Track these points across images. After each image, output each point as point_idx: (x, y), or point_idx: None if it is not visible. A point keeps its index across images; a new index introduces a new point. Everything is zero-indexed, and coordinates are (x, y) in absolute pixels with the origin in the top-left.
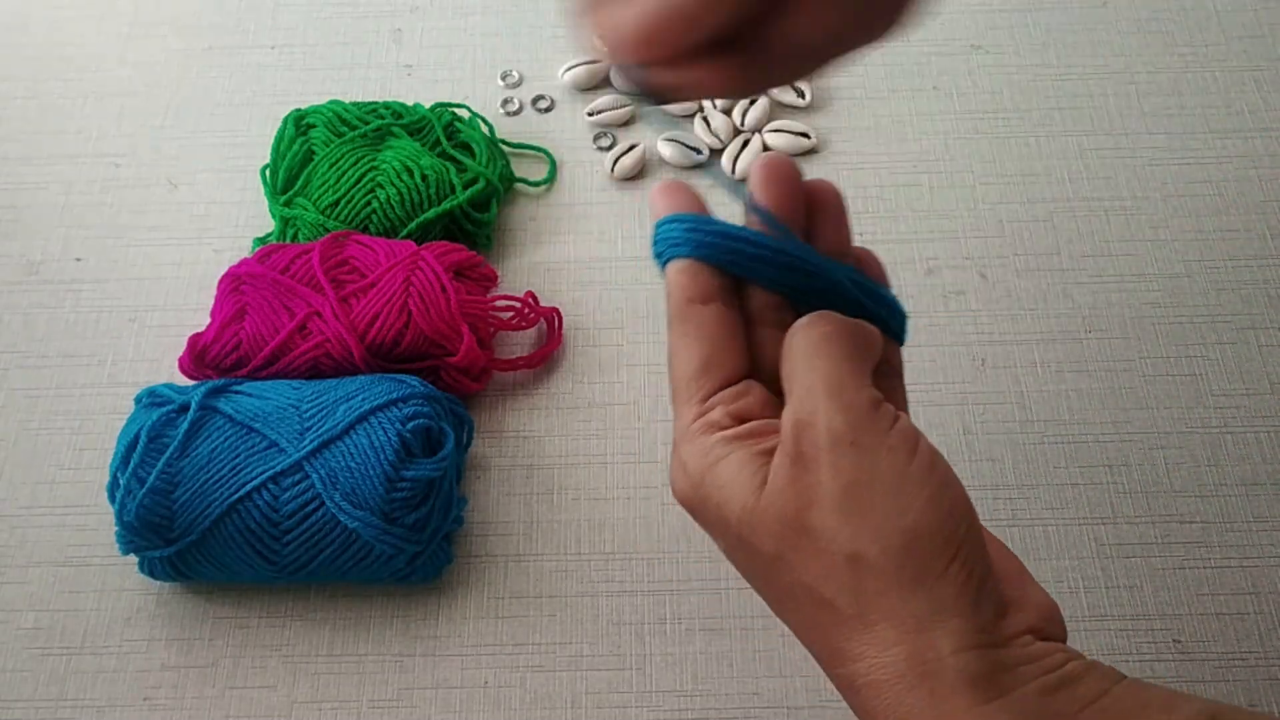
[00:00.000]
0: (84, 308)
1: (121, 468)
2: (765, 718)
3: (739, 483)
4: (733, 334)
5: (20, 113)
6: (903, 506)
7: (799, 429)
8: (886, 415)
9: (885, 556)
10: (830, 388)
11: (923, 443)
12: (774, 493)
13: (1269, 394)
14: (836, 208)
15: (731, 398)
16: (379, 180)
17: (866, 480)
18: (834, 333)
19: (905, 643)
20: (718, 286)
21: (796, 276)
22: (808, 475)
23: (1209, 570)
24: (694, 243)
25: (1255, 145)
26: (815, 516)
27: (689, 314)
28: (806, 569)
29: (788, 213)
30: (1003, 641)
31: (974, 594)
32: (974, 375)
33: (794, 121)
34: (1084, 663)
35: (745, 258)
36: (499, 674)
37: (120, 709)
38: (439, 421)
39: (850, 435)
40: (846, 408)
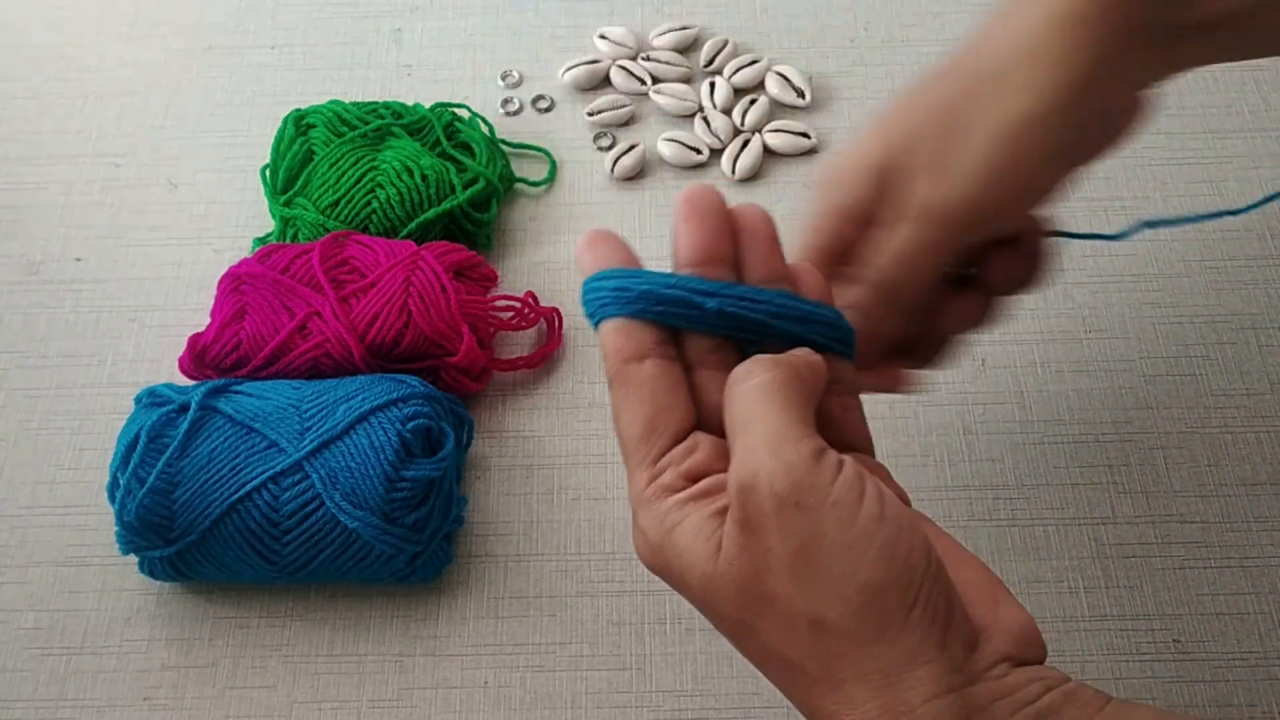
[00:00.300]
0: (84, 308)
1: (121, 468)
2: (765, 718)
3: (695, 550)
4: (674, 387)
5: (20, 113)
6: (855, 565)
7: (743, 493)
8: (829, 468)
9: (845, 617)
10: (770, 445)
11: (869, 491)
12: (728, 560)
13: (1269, 394)
14: (765, 233)
15: (681, 455)
16: (379, 180)
17: (815, 542)
18: (769, 381)
19: (876, 699)
20: (652, 341)
21: (730, 316)
22: (757, 541)
23: (1209, 570)
24: (620, 300)
25: (1255, 145)
26: (771, 583)
27: (626, 375)
28: (770, 634)
29: (713, 249)
30: (976, 677)
31: (939, 634)
32: (974, 375)
33: (794, 121)
34: (1063, 691)
35: (674, 308)
36: (499, 674)
37: (120, 709)
38: (439, 421)
39: (794, 497)
40: (787, 468)
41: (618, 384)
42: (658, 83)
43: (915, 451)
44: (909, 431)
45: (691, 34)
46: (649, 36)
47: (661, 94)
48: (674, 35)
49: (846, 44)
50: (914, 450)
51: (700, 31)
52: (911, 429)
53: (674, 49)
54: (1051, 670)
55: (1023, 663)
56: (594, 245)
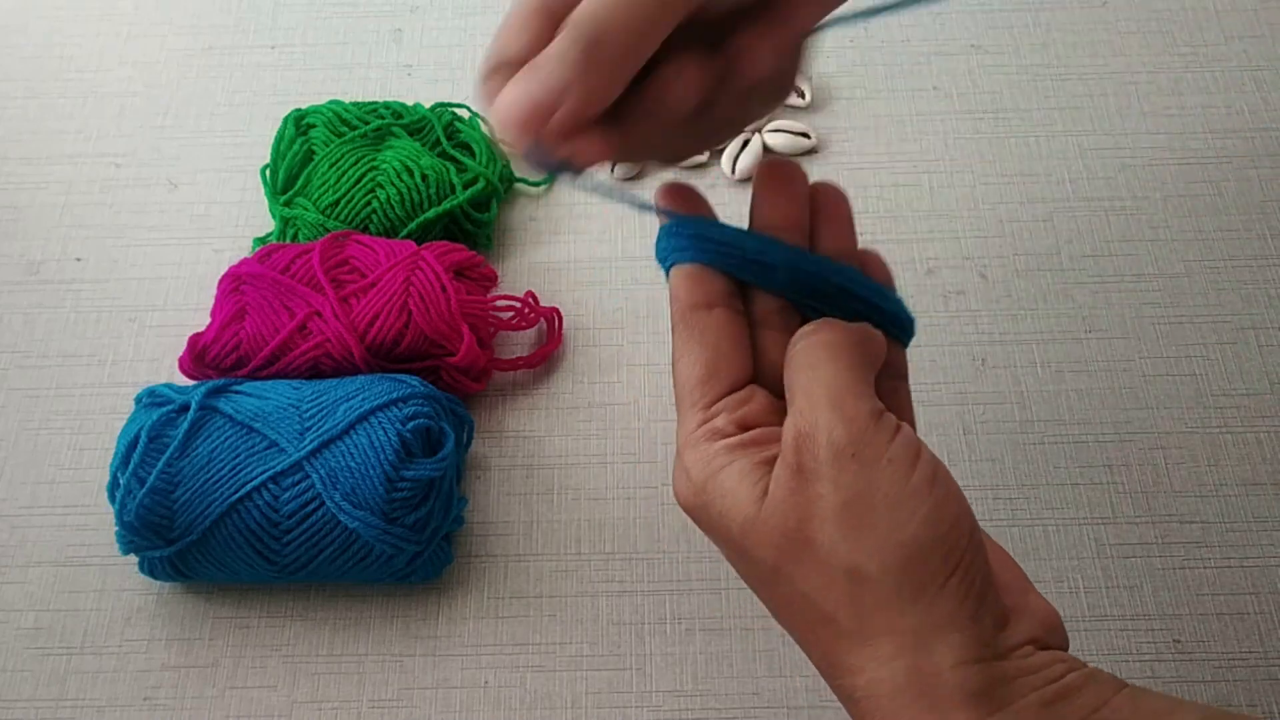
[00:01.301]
0: (84, 308)
1: (121, 468)
2: (765, 718)
3: (740, 493)
4: (737, 339)
5: (20, 113)
6: (902, 521)
7: (800, 441)
8: (888, 427)
9: (884, 571)
10: (831, 398)
11: (925, 454)
12: (774, 505)
13: (1269, 394)
14: (841, 210)
15: (736, 404)
16: (379, 180)
17: (866, 494)
18: (836, 341)
19: (904, 657)
20: (721, 291)
21: (800, 281)
22: (808, 488)
23: (1209, 570)
24: (698, 247)
25: (1255, 145)
26: (815, 530)
27: (693, 320)
28: (806, 581)
29: (792, 216)
30: (1003, 653)
31: (974, 607)
32: (974, 375)
33: (794, 121)
34: (1084, 673)
35: (749, 263)
36: (499, 674)
37: (120, 709)
38: (439, 421)
39: (851, 448)
40: (848, 420)
41: (682, 327)
42: None
43: None
44: None
45: None
46: None
47: None
48: None
49: (846, 44)
50: None
51: None
52: None
53: None
54: (1073, 657)
55: (1047, 647)
56: (672, 195)
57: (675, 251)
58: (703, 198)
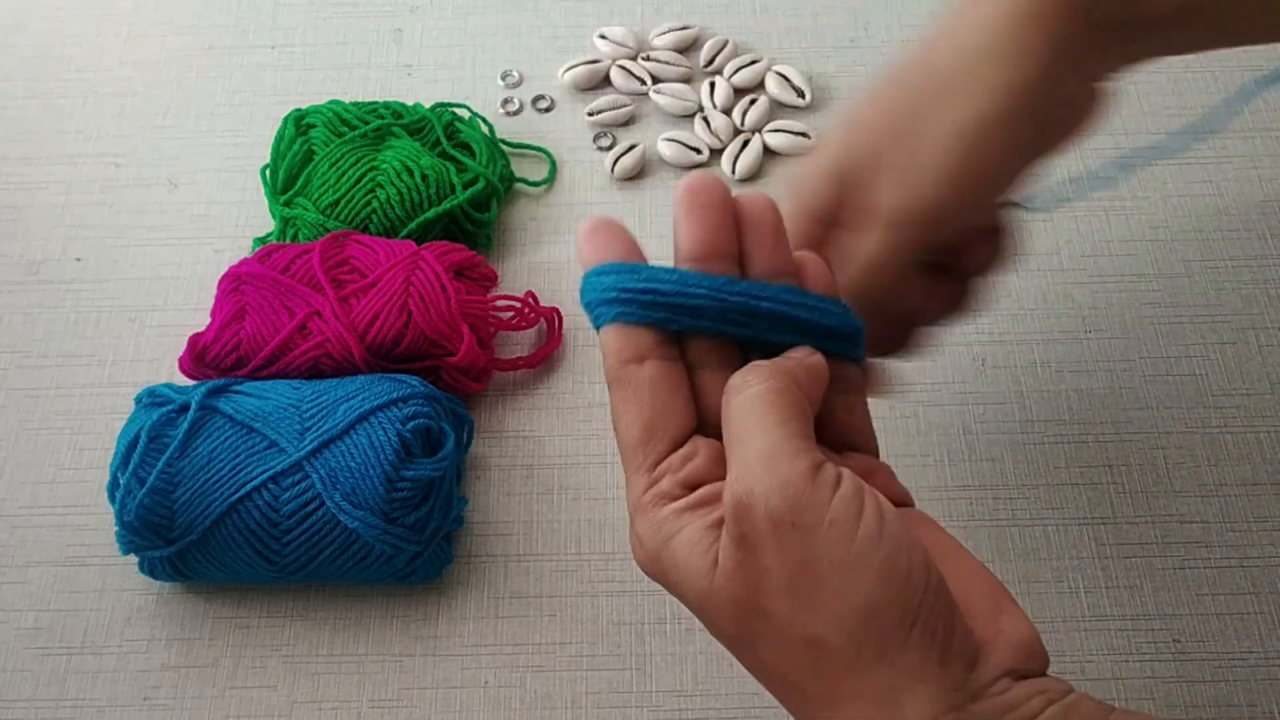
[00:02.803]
0: (84, 308)
1: (121, 468)
2: (765, 718)
3: (692, 564)
4: (674, 390)
5: (20, 113)
6: (853, 585)
7: (739, 510)
8: (826, 484)
9: (843, 637)
10: (765, 462)
11: (868, 506)
12: (724, 576)
13: (1269, 394)
14: (770, 223)
15: (680, 463)
16: (379, 180)
17: (812, 562)
18: (765, 392)
19: (875, 718)
20: (652, 342)
21: (728, 316)
22: (754, 559)
23: (1209, 570)
24: (622, 300)
25: (1255, 145)
26: (766, 602)
27: (625, 378)
28: (768, 652)
29: (715, 241)
30: (977, 694)
31: (940, 654)
32: (974, 375)
33: (794, 121)
34: (1064, 704)
35: (675, 310)
36: (499, 674)
37: (120, 709)
38: (439, 421)
39: (790, 516)
40: (783, 485)
41: (616, 386)
42: (658, 83)
43: (915, 451)
44: (909, 431)
45: (691, 34)
46: (649, 36)
47: (661, 94)
48: (674, 35)
49: (846, 44)
50: (914, 450)
51: (700, 31)
52: (911, 429)
53: (674, 49)
54: (1054, 681)
55: (1024, 675)
56: (594, 236)
57: (599, 305)
58: (625, 233)
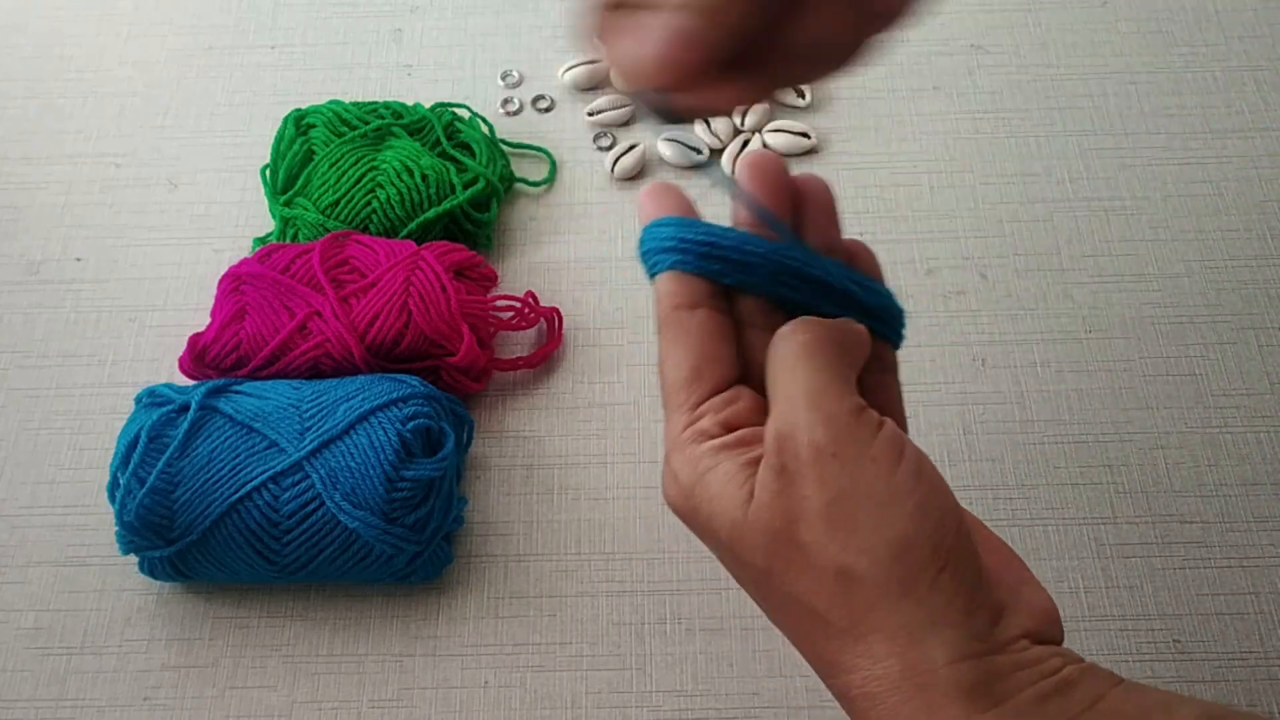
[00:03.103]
0: (84, 308)
1: (121, 468)
2: (765, 718)
3: (727, 496)
4: (722, 340)
5: (20, 113)
6: (889, 518)
7: (780, 442)
8: (869, 424)
9: (874, 569)
10: (810, 398)
11: (908, 450)
12: (760, 507)
13: (1269, 394)
14: (825, 202)
15: (721, 405)
16: (379, 180)
17: (850, 493)
18: (815, 340)
19: (898, 655)
20: (706, 292)
21: (781, 278)
22: (792, 489)
23: (1209, 570)
24: (680, 250)
25: (1255, 145)
26: (802, 531)
27: (677, 321)
28: (796, 583)
29: (775, 210)
30: (997, 648)
31: (966, 602)
32: (974, 375)
33: (794, 121)
34: (1080, 667)
35: (731, 265)
36: (499, 674)
37: (120, 709)
38: (439, 421)
39: (832, 447)
40: (827, 419)
41: (667, 328)
42: None
43: None
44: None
45: None
46: None
47: None
48: None
49: None
50: None
51: None
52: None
53: None
54: (1069, 650)
55: (1043, 641)
56: (656, 195)
57: (658, 253)
58: (685, 195)
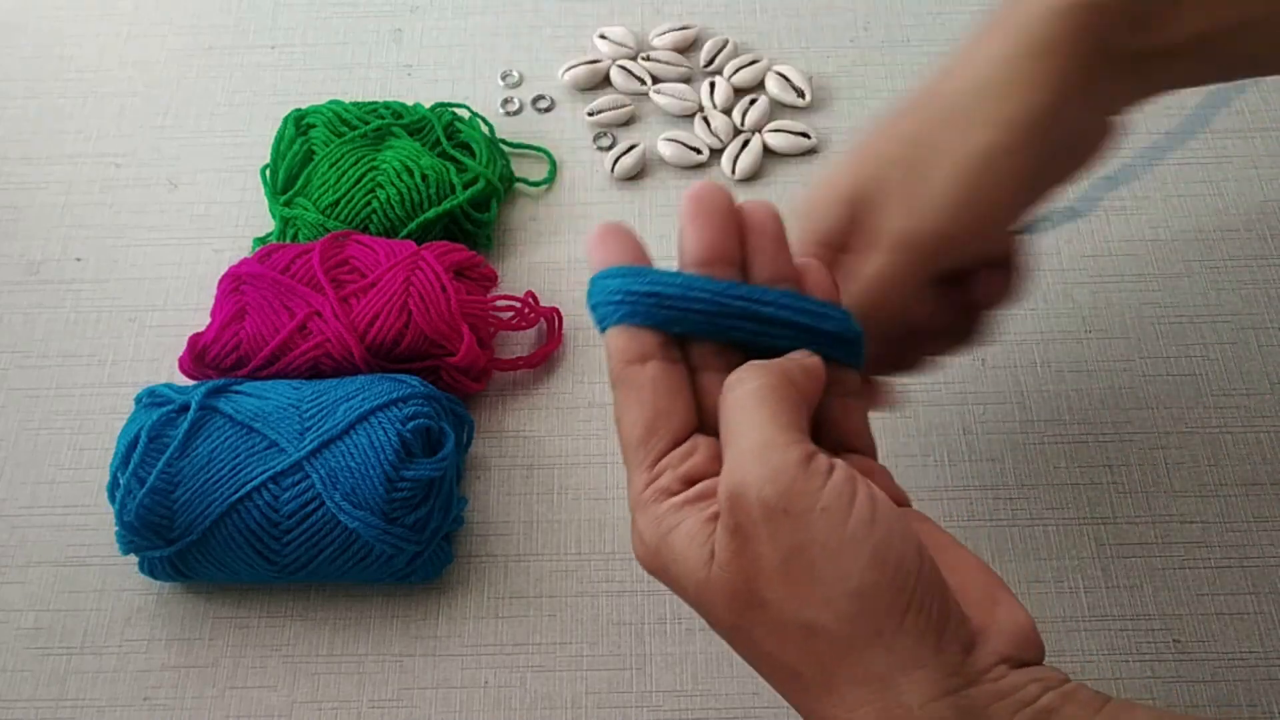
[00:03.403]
0: (84, 308)
1: (121, 468)
2: (765, 718)
3: (690, 555)
4: (676, 390)
5: (20, 113)
6: (846, 570)
7: (732, 500)
8: (818, 473)
9: (838, 622)
10: (757, 453)
11: (860, 495)
12: (720, 566)
13: (1269, 394)
14: (773, 231)
15: (679, 459)
16: (379, 180)
17: (805, 548)
18: (759, 388)
19: (873, 702)
20: (656, 343)
21: (733, 321)
22: (748, 548)
23: (1209, 570)
24: (627, 304)
25: (1255, 145)
26: (762, 588)
27: (628, 377)
28: (764, 639)
29: (718, 247)
30: (973, 680)
31: (935, 638)
32: (974, 375)
33: (794, 121)
34: (1061, 692)
35: (678, 314)
36: (499, 674)
37: (120, 709)
38: (439, 421)
39: (782, 503)
40: (774, 474)
41: (619, 386)
42: (658, 83)
43: (915, 451)
44: (909, 431)
45: (691, 34)
46: (649, 36)
47: (661, 94)
48: (674, 35)
49: (846, 44)
50: (914, 450)
51: (700, 31)
52: (911, 429)
53: (674, 49)
54: (1050, 670)
55: (1021, 663)
56: (604, 240)
57: (604, 308)
58: (634, 239)
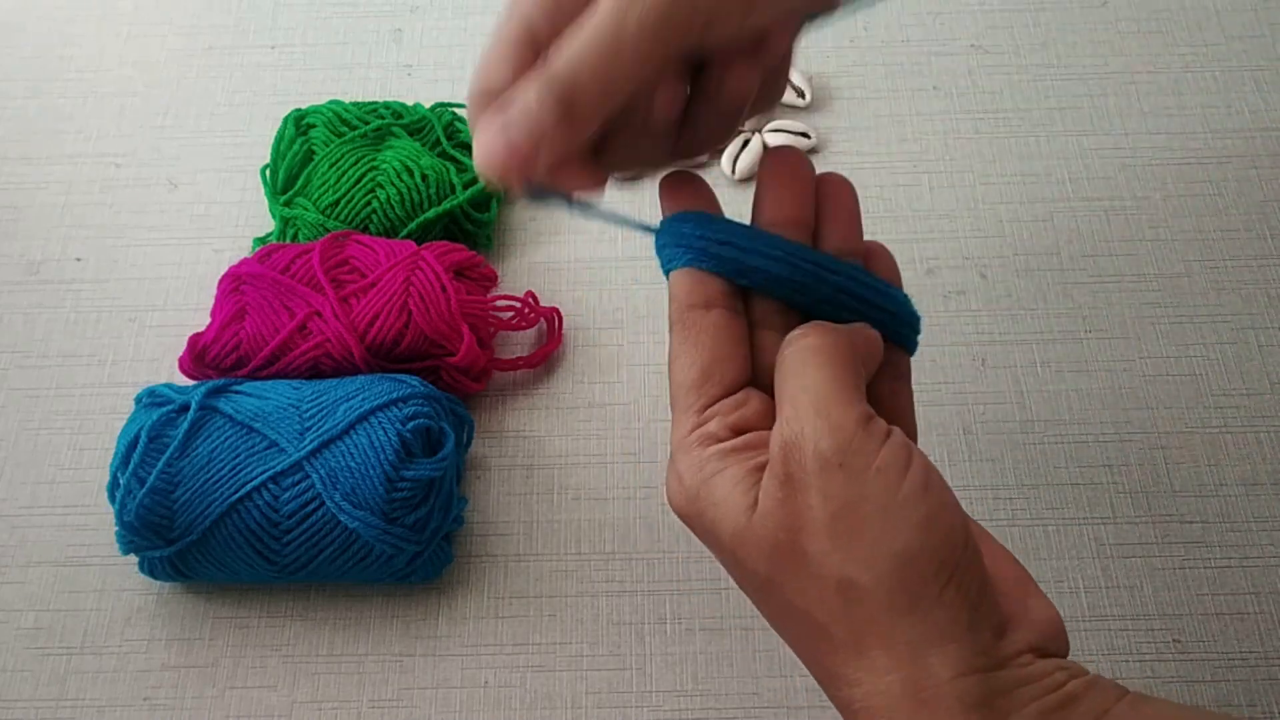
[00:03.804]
0: (84, 308)
1: (121, 468)
2: (765, 718)
3: (731, 502)
4: (735, 341)
5: (20, 113)
6: (893, 531)
7: (787, 450)
8: (877, 434)
9: (877, 583)
10: (818, 406)
11: (916, 462)
12: (764, 515)
13: (1269, 394)
14: (847, 203)
15: (730, 408)
16: (379, 180)
17: (856, 504)
18: (824, 345)
19: (901, 669)
20: (720, 292)
21: (798, 281)
22: (797, 499)
23: (1209, 570)
24: (697, 248)
25: (1255, 145)
26: (805, 541)
27: (690, 320)
28: (799, 593)
29: (795, 211)
30: (1001, 663)
31: (970, 616)
32: (974, 375)
33: (794, 121)
34: (1085, 680)
35: (747, 266)
36: (499, 674)
37: (120, 709)
38: (439, 421)
39: (838, 458)
40: (834, 428)
41: (679, 328)
42: None
43: None
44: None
45: None
46: None
47: None
48: None
49: (846, 44)
50: None
51: None
52: None
53: None
54: (1074, 663)
55: (1047, 654)
56: (676, 188)
57: (675, 251)
58: (706, 187)
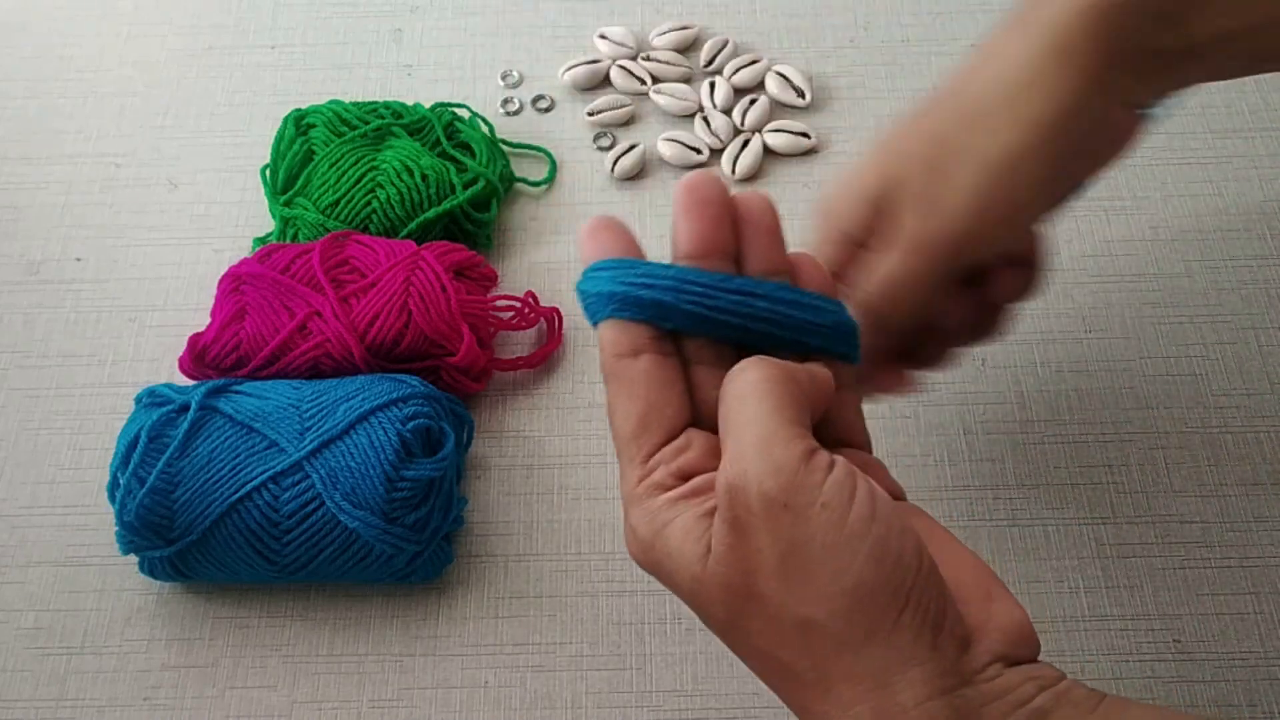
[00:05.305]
0: (84, 308)
1: (121, 468)
2: (765, 718)
3: (685, 550)
4: (669, 384)
5: (20, 113)
6: (844, 566)
7: (732, 494)
8: (819, 468)
9: (833, 619)
10: (758, 446)
11: (860, 491)
12: (717, 561)
13: (1269, 394)
14: (766, 222)
15: (673, 454)
16: (379, 180)
17: (803, 544)
18: (762, 380)
19: (867, 700)
20: (648, 337)
21: (722, 316)
22: (746, 541)
23: (1209, 570)
24: (619, 297)
25: (1255, 145)
26: (759, 583)
27: (620, 370)
28: (760, 635)
29: (712, 239)
30: (969, 679)
31: (931, 636)
32: (974, 375)
33: (794, 121)
34: (1055, 692)
35: (667, 308)
36: (499, 674)
37: (120, 709)
38: (439, 421)
39: (781, 497)
40: (776, 469)
41: (611, 379)
42: (658, 83)
43: (915, 451)
44: (909, 431)
45: (691, 34)
46: (649, 36)
47: (661, 94)
48: (674, 35)
49: (846, 44)
50: (914, 450)
51: (700, 31)
52: (911, 429)
53: (674, 49)
54: (1046, 667)
55: (1016, 661)
56: (596, 233)
57: (595, 301)
58: (624, 230)
